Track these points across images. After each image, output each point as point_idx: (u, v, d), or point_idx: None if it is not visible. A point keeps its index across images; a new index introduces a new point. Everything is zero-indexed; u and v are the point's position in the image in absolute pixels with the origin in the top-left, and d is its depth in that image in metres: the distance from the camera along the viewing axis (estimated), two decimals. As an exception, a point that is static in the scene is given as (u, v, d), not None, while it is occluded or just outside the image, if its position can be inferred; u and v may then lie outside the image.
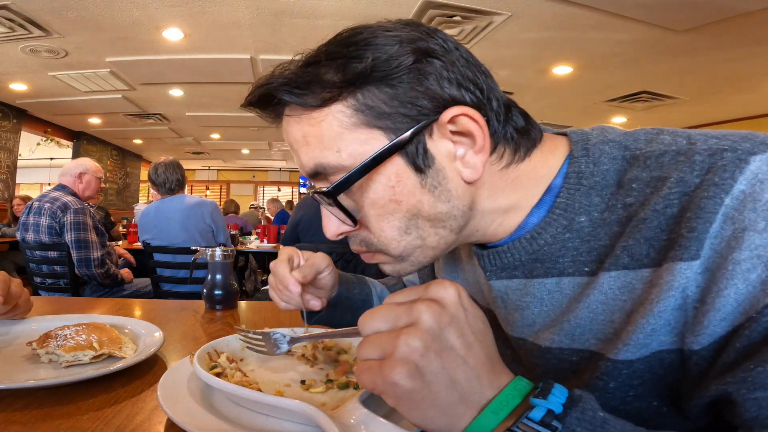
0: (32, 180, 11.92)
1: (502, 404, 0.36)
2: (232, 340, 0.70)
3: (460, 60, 0.48)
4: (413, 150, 0.47)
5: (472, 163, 0.48)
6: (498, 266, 0.56)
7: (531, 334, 0.54)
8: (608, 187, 0.48)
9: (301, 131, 0.49)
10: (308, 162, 0.49)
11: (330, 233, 0.54)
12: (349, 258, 2.64)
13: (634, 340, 0.43)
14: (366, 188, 0.48)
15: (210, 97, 6.04)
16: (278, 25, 3.79)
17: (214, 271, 1.18)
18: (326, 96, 0.46)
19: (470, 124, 0.47)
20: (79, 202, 2.62)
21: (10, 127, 6.25)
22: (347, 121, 0.46)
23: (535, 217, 0.52)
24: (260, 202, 12.59)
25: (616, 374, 0.45)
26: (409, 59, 0.45)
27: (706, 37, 3.71)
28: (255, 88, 0.51)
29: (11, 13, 3.47)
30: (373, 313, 0.39)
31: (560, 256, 0.50)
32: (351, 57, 0.46)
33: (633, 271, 0.44)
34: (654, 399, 0.45)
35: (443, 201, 0.49)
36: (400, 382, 0.35)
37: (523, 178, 0.52)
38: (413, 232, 0.50)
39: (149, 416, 0.54)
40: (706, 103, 5.68)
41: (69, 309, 1.10)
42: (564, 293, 0.50)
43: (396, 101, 0.46)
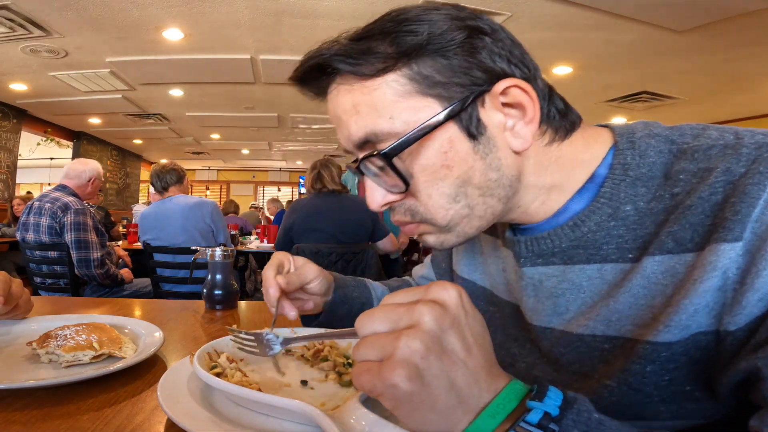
0: (32, 180, 11.91)
1: (499, 408, 0.36)
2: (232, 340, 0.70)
3: (506, 40, 0.50)
4: (467, 117, 0.48)
5: (522, 134, 0.50)
6: (535, 253, 0.56)
7: (562, 322, 0.54)
8: (655, 179, 0.49)
9: (352, 100, 0.50)
10: (358, 131, 0.50)
11: (375, 204, 0.53)
12: (349, 258, 2.64)
13: (676, 321, 0.43)
14: (418, 154, 0.49)
15: (210, 97, 6.04)
16: (278, 25, 3.79)
17: (214, 271, 1.18)
18: (380, 66, 0.48)
19: (522, 95, 0.48)
20: (79, 203, 2.63)
21: (10, 127, 6.26)
22: (401, 89, 0.48)
23: (577, 204, 0.53)
24: (260, 203, 12.59)
25: (654, 357, 0.45)
26: (461, 34, 0.47)
27: (706, 37, 3.71)
28: (306, 60, 0.52)
29: (11, 13, 3.47)
30: (372, 314, 0.39)
31: (604, 243, 0.51)
32: (404, 31, 0.47)
33: (677, 255, 0.45)
34: (687, 384, 0.45)
35: (494, 169, 0.50)
36: (400, 384, 0.34)
37: (566, 158, 0.53)
38: (462, 200, 0.50)
39: (149, 416, 0.54)
40: (706, 103, 5.68)
41: (69, 309, 1.10)
42: (605, 280, 0.51)
43: (449, 71, 0.47)
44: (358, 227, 2.71)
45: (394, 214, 0.55)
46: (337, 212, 2.68)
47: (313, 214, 2.67)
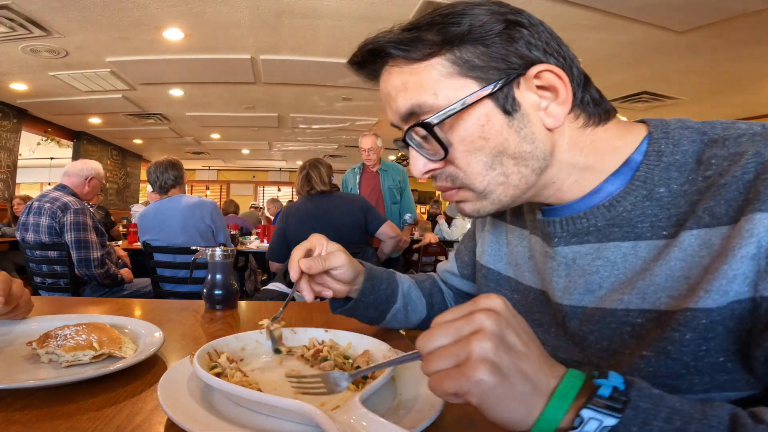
0: (32, 180, 11.91)
1: (567, 389, 0.41)
2: (231, 340, 0.70)
3: (544, 33, 0.55)
4: (503, 96, 0.54)
5: (555, 113, 0.55)
6: (570, 232, 0.60)
7: (594, 299, 0.58)
8: (687, 165, 0.53)
9: (402, 79, 0.56)
10: (405, 104, 0.56)
11: (418, 171, 0.59)
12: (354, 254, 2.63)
13: (716, 287, 0.46)
14: (458, 126, 0.55)
15: (210, 97, 6.05)
16: (278, 25, 3.79)
17: (214, 271, 1.18)
18: (427, 51, 0.54)
19: (554, 79, 0.54)
20: (79, 203, 2.62)
21: (11, 127, 6.26)
22: (444, 71, 0.54)
23: (612, 185, 0.57)
24: (260, 203, 12.60)
25: (695, 324, 0.47)
26: (499, 26, 0.53)
27: (706, 37, 3.71)
28: (363, 46, 0.59)
29: (12, 13, 3.47)
30: (431, 333, 0.43)
31: (639, 221, 0.54)
32: (449, 23, 0.54)
33: (713, 229, 0.48)
34: (721, 354, 0.47)
35: (527, 142, 0.55)
36: (485, 378, 0.39)
37: (600, 143, 0.58)
38: (498, 168, 0.56)
39: (149, 416, 0.54)
40: (707, 103, 5.68)
41: (69, 309, 1.10)
42: (639, 256, 0.54)
43: (488, 57, 0.53)
44: (352, 228, 2.67)
45: (437, 180, 0.60)
46: (330, 215, 2.63)
47: (307, 218, 2.62)
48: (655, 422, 0.38)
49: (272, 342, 0.70)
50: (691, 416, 0.38)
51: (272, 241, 2.78)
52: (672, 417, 0.38)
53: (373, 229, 2.75)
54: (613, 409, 0.38)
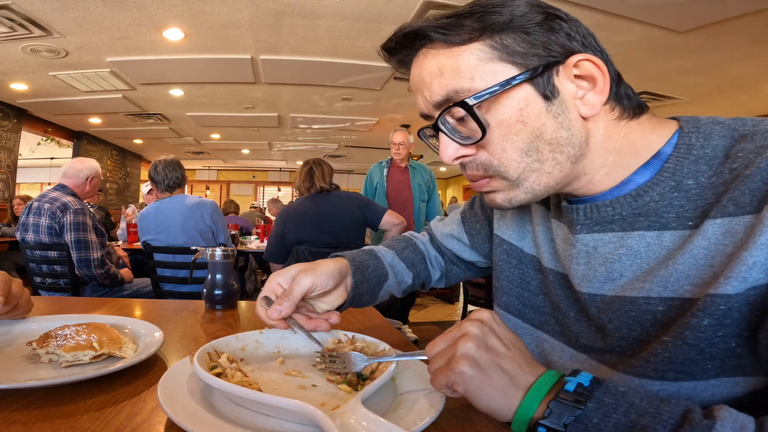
0: (32, 180, 11.92)
1: (542, 384, 0.48)
2: (232, 340, 0.70)
3: (582, 29, 0.56)
4: (543, 81, 0.54)
5: (591, 102, 0.55)
6: (593, 220, 0.60)
7: (614, 288, 0.59)
8: (716, 158, 0.53)
9: (438, 64, 0.56)
10: (440, 90, 0.56)
11: (448, 157, 0.58)
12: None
13: (736, 273, 0.46)
14: (495, 110, 0.54)
15: (210, 97, 6.05)
16: (279, 25, 3.79)
17: (214, 271, 1.18)
18: (467, 36, 0.54)
19: (593, 68, 0.54)
20: (79, 203, 2.62)
21: (11, 127, 6.26)
22: (484, 56, 0.54)
23: (641, 177, 0.57)
24: (260, 203, 12.59)
25: (713, 310, 0.48)
26: (539, 16, 0.54)
27: (706, 37, 3.71)
28: (399, 30, 0.59)
29: (12, 13, 3.47)
30: (435, 341, 0.54)
31: (665, 212, 0.55)
32: (489, 12, 0.54)
33: (737, 218, 0.49)
34: (733, 340, 0.48)
35: (564, 128, 0.55)
36: (464, 370, 0.48)
37: (634, 135, 0.58)
38: (533, 155, 0.55)
39: (149, 416, 0.54)
40: (707, 103, 5.68)
41: (69, 309, 1.10)
42: (663, 245, 0.55)
43: (528, 44, 0.54)
44: (352, 226, 2.67)
45: (467, 169, 0.60)
46: (329, 214, 2.63)
47: (306, 218, 2.62)
48: (614, 415, 0.43)
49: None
50: (645, 411, 0.42)
51: (269, 243, 2.77)
52: (629, 411, 0.43)
53: (375, 221, 2.72)
54: (577, 402, 0.44)
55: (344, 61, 4.49)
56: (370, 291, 0.85)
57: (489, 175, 0.58)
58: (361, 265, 0.84)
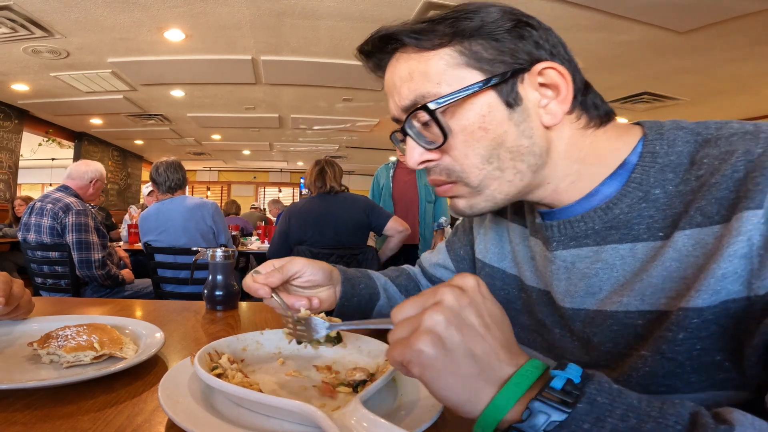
0: (34, 180, 11.93)
1: (522, 378, 0.39)
2: (232, 341, 0.70)
3: (553, 37, 0.57)
4: (506, 89, 0.54)
5: (554, 111, 0.55)
6: (568, 236, 0.60)
7: (594, 302, 0.58)
8: (682, 165, 0.53)
9: (409, 68, 0.57)
10: (409, 94, 0.57)
11: (413, 161, 0.59)
12: (349, 260, 2.64)
13: (705, 286, 0.46)
14: (459, 115, 0.55)
15: (211, 98, 6.05)
16: (279, 26, 3.79)
17: (215, 271, 1.18)
18: (438, 41, 0.55)
19: (557, 77, 0.54)
20: (81, 204, 2.63)
21: (12, 128, 6.26)
22: (452, 61, 0.55)
23: (608, 188, 0.57)
24: (261, 204, 12.59)
25: (686, 324, 0.47)
26: (510, 23, 0.55)
27: (707, 38, 3.71)
28: (375, 33, 0.59)
29: (13, 14, 3.47)
30: (403, 304, 0.44)
31: (636, 223, 0.55)
32: (462, 18, 0.55)
33: (705, 228, 0.49)
34: (718, 353, 0.47)
35: (526, 136, 0.55)
36: (425, 349, 0.39)
37: (599, 144, 0.58)
38: (494, 162, 0.56)
39: (150, 417, 0.54)
40: (708, 104, 5.67)
41: (70, 309, 1.11)
42: (637, 257, 0.54)
43: (496, 51, 0.54)
44: (356, 229, 2.68)
45: (431, 173, 0.60)
46: (334, 215, 2.64)
47: (311, 218, 2.63)
48: (610, 419, 0.36)
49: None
50: (647, 414, 0.36)
51: (273, 242, 2.79)
52: (628, 415, 0.36)
53: (380, 227, 2.74)
54: (564, 403, 0.36)
55: (345, 62, 4.49)
56: (360, 308, 0.84)
57: (452, 180, 0.59)
58: (352, 279, 0.84)
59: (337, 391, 0.59)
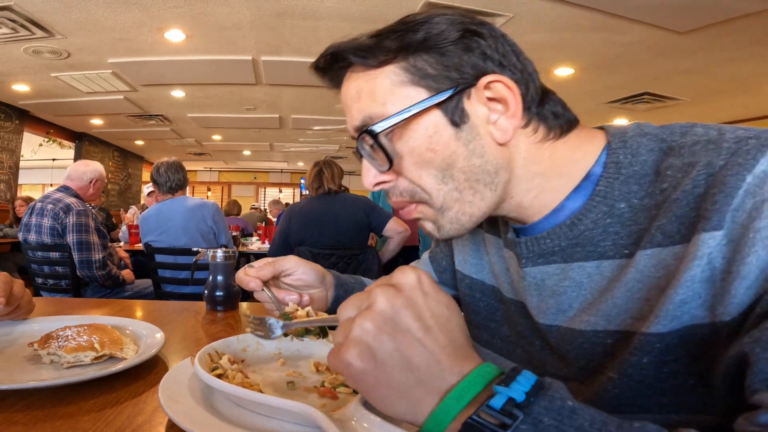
0: (34, 181, 11.94)
1: (464, 390, 0.36)
2: (233, 341, 0.70)
3: (504, 45, 0.54)
4: (452, 106, 0.52)
5: (503, 127, 0.53)
6: (536, 252, 0.58)
7: (565, 319, 0.56)
8: (646, 176, 0.51)
9: (357, 87, 0.55)
10: (357, 115, 0.55)
11: (367, 183, 0.58)
12: (348, 260, 2.64)
13: (665, 312, 0.44)
14: (406, 137, 0.53)
15: (212, 99, 6.05)
16: (280, 26, 3.79)
17: (216, 272, 1.18)
18: (383, 58, 0.53)
19: (505, 91, 0.52)
20: (81, 204, 2.63)
21: (13, 128, 6.27)
22: (397, 79, 0.53)
23: (574, 202, 0.55)
24: (261, 204, 12.59)
25: (649, 348, 0.46)
26: (456, 34, 0.52)
27: (707, 38, 3.71)
28: (326, 51, 0.58)
29: (14, 14, 3.48)
30: (346, 303, 0.42)
31: (601, 240, 0.53)
32: (408, 30, 0.53)
33: (666, 248, 0.47)
34: (689, 378, 0.45)
35: (477, 155, 0.53)
36: (352, 362, 0.37)
37: (559, 156, 0.56)
38: (450, 183, 0.54)
39: (150, 417, 0.54)
40: (708, 104, 5.67)
41: (70, 310, 1.11)
42: (604, 276, 0.53)
43: (441, 66, 0.52)
44: (356, 229, 2.68)
45: (390, 195, 0.58)
46: (335, 216, 2.64)
47: (311, 218, 2.64)
48: None
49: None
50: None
51: (273, 242, 2.79)
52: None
53: (380, 227, 2.74)
54: (502, 426, 0.32)
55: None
56: None
57: (415, 201, 0.56)
58: (345, 284, 0.85)
59: (337, 392, 0.59)
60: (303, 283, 0.79)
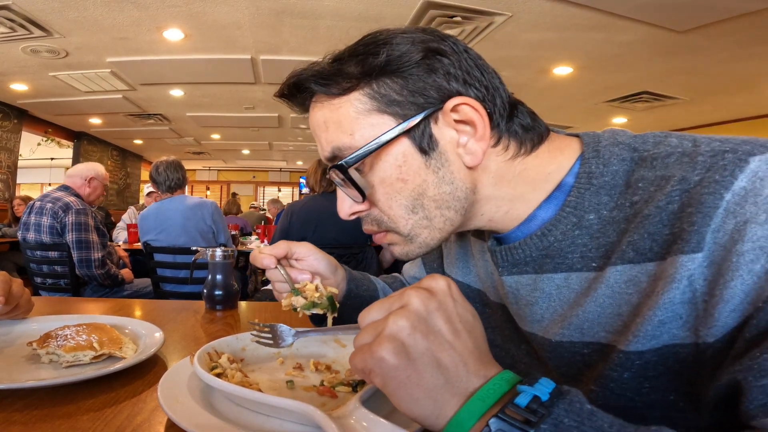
0: (33, 180, 11.92)
1: (489, 392, 0.37)
2: (232, 340, 0.70)
3: (468, 60, 0.52)
4: (419, 134, 0.51)
5: (473, 150, 0.52)
6: (510, 262, 0.58)
7: (541, 329, 0.56)
8: (617, 187, 0.50)
9: (323, 117, 0.54)
10: (326, 146, 0.54)
11: (343, 213, 0.58)
12: (348, 259, 2.64)
13: (643, 332, 0.44)
14: (376, 167, 0.52)
15: (210, 98, 6.04)
16: (279, 25, 3.79)
17: (215, 271, 1.18)
18: (346, 85, 0.52)
19: (472, 113, 0.51)
20: (81, 203, 2.63)
21: (11, 128, 6.26)
22: (362, 107, 0.51)
23: (544, 212, 0.55)
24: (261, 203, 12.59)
25: (629, 365, 0.46)
26: (418, 55, 0.50)
27: (706, 37, 3.71)
28: (287, 79, 0.56)
29: (12, 13, 3.47)
30: (370, 307, 0.42)
31: (570, 252, 0.52)
32: (369, 53, 0.51)
33: (638, 265, 0.46)
34: (670, 393, 0.45)
35: (446, 182, 0.52)
36: (387, 357, 0.37)
37: (530, 171, 0.55)
38: (420, 212, 0.53)
39: (149, 416, 0.54)
40: (707, 103, 5.68)
41: (69, 309, 1.11)
42: (572, 288, 0.52)
43: (406, 91, 0.50)
44: (356, 228, 2.67)
45: (364, 224, 0.58)
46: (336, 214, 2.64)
47: (312, 216, 2.65)
48: None
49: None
50: None
51: (274, 239, 2.82)
52: None
53: None
54: (527, 423, 0.34)
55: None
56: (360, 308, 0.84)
57: (383, 229, 0.56)
58: (356, 279, 0.84)
59: (336, 391, 0.59)
60: (314, 270, 0.78)
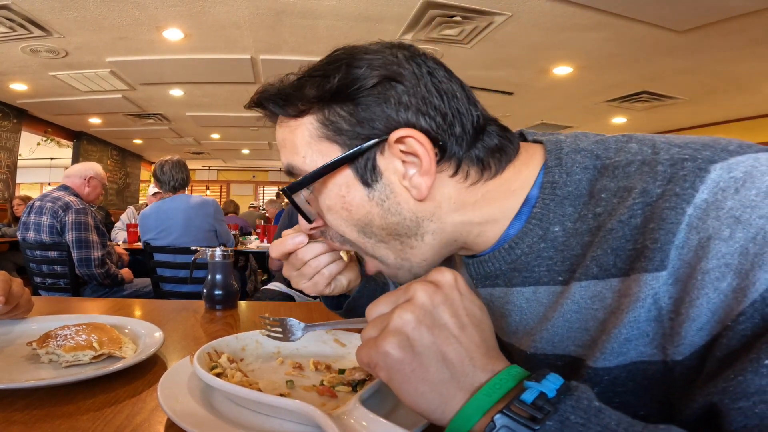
0: (32, 180, 11.91)
1: (495, 387, 0.37)
2: (232, 340, 0.70)
3: (428, 86, 0.50)
4: (362, 165, 0.50)
5: (417, 183, 0.50)
6: (482, 275, 0.57)
7: (516, 340, 0.56)
8: (581, 197, 0.49)
9: (282, 135, 0.55)
10: (285, 162, 0.55)
11: (304, 227, 0.59)
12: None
13: (609, 349, 0.44)
14: (324, 194, 0.52)
15: (210, 97, 6.04)
16: (278, 25, 3.79)
17: (214, 271, 1.18)
18: (301, 108, 0.52)
19: (417, 146, 0.48)
20: (80, 202, 2.63)
21: (11, 127, 6.25)
22: (314, 132, 0.51)
23: (514, 228, 0.54)
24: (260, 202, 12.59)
25: (598, 380, 0.45)
26: (371, 81, 0.49)
27: (706, 37, 3.71)
28: (252, 97, 0.56)
29: (11, 13, 3.46)
30: (377, 300, 0.42)
31: (536, 265, 0.52)
32: (327, 75, 0.50)
33: (602, 281, 0.46)
34: (641, 409, 0.44)
35: (393, 213, 0.51)
36: (391, 351, 0.37)
37: (494, 192, 0.53)
38: (372, 238, 0.53)
39: (149, 416, 0.54)
40: (706, 103, 5.68)
41: (69, 309, 1.11)
42: (540, 302, 0.52)
43: (354, 119, 0.49)
44: None
45: (326, 237, 0.59)
46: None
47: None
48: None
49: None
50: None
51: (275, 238, 2.80)
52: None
53: None
54: (533, 419, 0.33)
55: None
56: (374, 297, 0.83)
57: (346, 246, 0.56)
58: (371, 278, 0.83)
59: (336, 391, 0.59)
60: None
